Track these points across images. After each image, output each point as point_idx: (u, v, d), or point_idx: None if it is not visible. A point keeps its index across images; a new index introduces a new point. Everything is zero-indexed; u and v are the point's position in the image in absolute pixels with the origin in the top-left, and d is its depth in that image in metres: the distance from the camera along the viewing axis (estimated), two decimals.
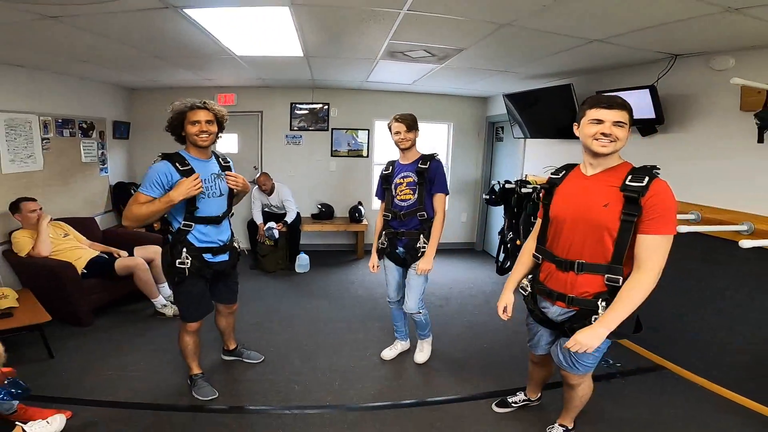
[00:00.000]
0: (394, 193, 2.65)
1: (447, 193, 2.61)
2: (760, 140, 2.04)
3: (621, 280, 1.55)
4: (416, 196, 2.57)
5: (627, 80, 3.06)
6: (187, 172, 2.12)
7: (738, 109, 2.38)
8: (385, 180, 2.71)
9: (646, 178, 1.48)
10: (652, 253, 1.47)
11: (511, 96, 4.29)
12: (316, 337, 3.31)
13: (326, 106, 5.50)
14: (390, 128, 2.63)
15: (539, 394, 2.42)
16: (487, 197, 4.48)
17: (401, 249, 2.65)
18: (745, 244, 1.88)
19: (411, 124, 2.56)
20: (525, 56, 3.07)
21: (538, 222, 1.88)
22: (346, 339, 3.29)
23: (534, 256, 1.87)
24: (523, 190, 3.96)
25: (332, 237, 5.84)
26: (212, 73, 4.31)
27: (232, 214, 2.46)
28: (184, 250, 2.19)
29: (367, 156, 5.72)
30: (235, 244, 2.48)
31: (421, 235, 2.58)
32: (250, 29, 2.72)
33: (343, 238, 5.91)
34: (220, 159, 2.38)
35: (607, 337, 1.56)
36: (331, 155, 5.65)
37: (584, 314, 1.64)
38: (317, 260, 5.26)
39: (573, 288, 1.66)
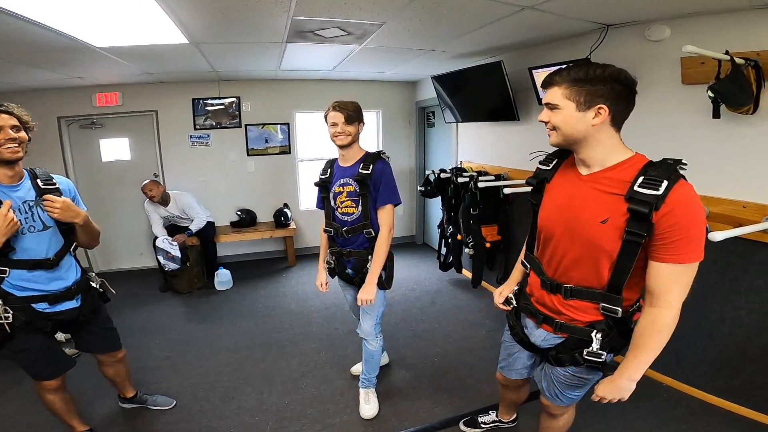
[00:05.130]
0: (334, 204, 2.17)
1: (397, 203, 2.11)
2: (716, 115, 1.85)
3: (620, 312, 1.22)
4: (360, 209, 2.09)
5: (559, 54, 2.85)
6: None
7: (680, 82, 2.21)
8: (323, 187, 2.20)
9: (665, 184, 1.06)
10: (671, 285, 1.12)
11: (439, 78, 3.98)
12: (240, 369, 2.83)
13: (236, 101, 4.85)
14: (326, 119, 2.09)
15: (514, 415, 2.15)
16: (422, 189, 4.17)
17: (350, 271, 2.25)
18: (716, 236, 1.66)
19: (352, 113, 2.02)
20: (451, 30, 2.73)
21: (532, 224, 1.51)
22: (277, 368, 2.84)
23: (522, 263, 1.55)
24: (460, 179, 3.69)
25: (258, 245, 5.26)
26: (80, 70, 3.52)
27: (75, 248, 1.86)
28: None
29: (290, 152, 5.17)
30: (92, 284, 1.94)
31: (370, 256, 2.14)
32: (97, 13, 2.12)
33: (271, 245, 5.34)
34: (38, 179, 1.74)
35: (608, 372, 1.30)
36: (248, 154, 5.02)
37: (574, 344, 1.33)
38: (242, 273, 4.69)
39: (561, 312, 1.34)
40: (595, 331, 1.26)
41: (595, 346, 1.26)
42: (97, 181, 4.69)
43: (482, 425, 2.16)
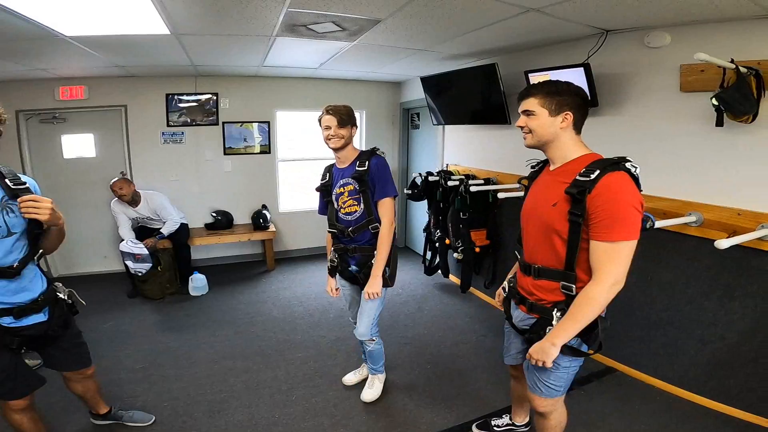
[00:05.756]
0: (337, 205, 2.24)
1: (395, 196, 2.18)
2: (719, 124, 1.88)
3: (575, 288, 1.39)
4: (362, 206, 2.16)
5: (556, 59, 2.85)
6: None
7: (678, 90, 2.23)
8: (325, 191, 2.31)
9: (597, 172, 1.28)
10: (604, 262, 1.29)
11: (428, 79, 3.92)
12: (223, 381, 2.66)
13: (214, 97, 4.62)
14: (320, 122, 2.16)
15: (527, 419, 2.12)
16: (409, 192, 4.09)
17: (354, 267, 2.29)
18: (722, 244, 1.68)
19: (345, 117, 2.12)
20: (449, 30, 2.67)
21: None
22: (262, 379, 2.69)
23: (515, 253, 1.74)
24: (450, 183, 3.65)
25: (235, 248, 5.03)
26: (44, 61, 3.25)
27: (40, 257, 1.68)
28: None
29: (270, 152, 4.98)
30: (60, 295, 1.77)
31: (375, 251, 2.19)
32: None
33: (249, 248, 5.13)
34: (7, 179, 1.55)
35: (566, 354, 1.42)
36: (225, 153, 4.80)
37: (542, 323, 1.49)
38: (219, 277, 4.46)
39: (533, 293, 1.54)
40: (555, 309, 1.43)
41: (555, 323, 1.41)
42: (57, 179, 4.33)
43: (495, 428, 2.16)
